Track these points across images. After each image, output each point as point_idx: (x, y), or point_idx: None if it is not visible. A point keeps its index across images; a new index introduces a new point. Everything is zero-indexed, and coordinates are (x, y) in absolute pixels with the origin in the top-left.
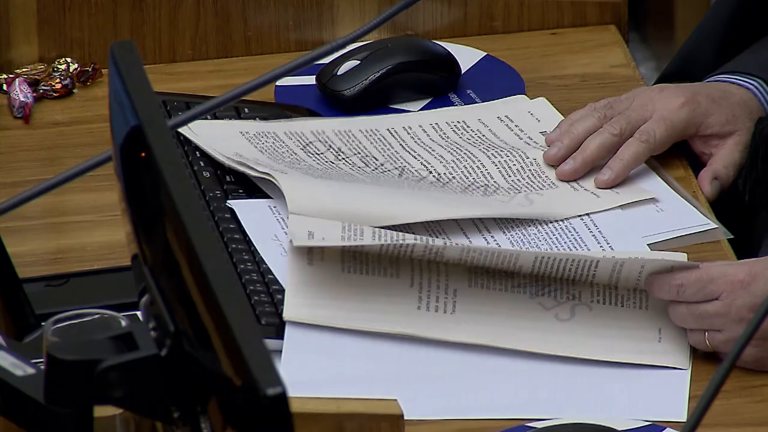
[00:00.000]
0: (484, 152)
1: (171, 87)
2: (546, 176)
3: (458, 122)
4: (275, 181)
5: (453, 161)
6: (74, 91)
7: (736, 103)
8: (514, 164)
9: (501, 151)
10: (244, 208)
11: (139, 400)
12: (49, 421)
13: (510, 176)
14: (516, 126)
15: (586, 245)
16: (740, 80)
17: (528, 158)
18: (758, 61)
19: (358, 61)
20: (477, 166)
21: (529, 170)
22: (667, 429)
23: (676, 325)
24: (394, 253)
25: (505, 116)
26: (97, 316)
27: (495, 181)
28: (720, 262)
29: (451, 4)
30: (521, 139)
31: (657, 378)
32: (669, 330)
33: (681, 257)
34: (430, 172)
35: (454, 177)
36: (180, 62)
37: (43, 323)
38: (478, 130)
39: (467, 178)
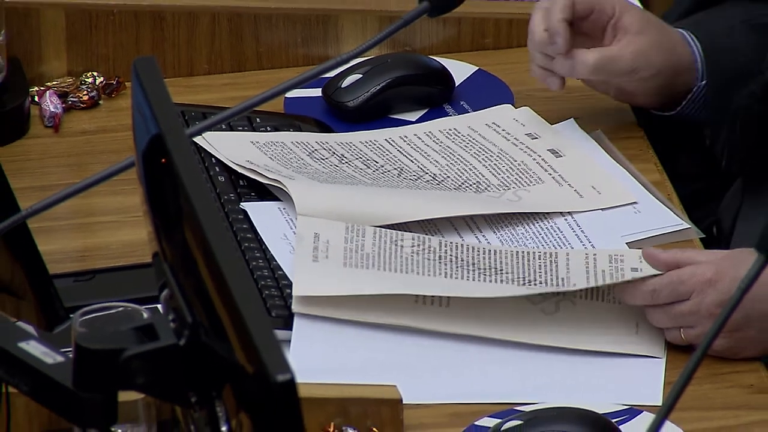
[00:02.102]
0: (474, 156)
1: (189, 99)
2: (533, 173)
3: (450, 129)
4: (284, 187)
5: (447, 165)
6: (100, 102)
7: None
8: (503, 164)
9: (490, 154)
10: (256, 210)
11: (160, 386)
12: (77, 405)
13: (499, 174)
14: (503, 130)
15: (569, 243)
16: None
17: (515, 160)
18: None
19: (361, 75)
20: (468, 168)
21: (517, 169)
22: (644, 412)
23: (654, 326)
24: (392, 254)
25: (493, 122)
26: (121, 308)
27: (486, 179)
28: (690, 252)
29: (445, 22)
30: (508, 140)
31: (635, 366)
32: (645, 323)
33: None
34: (426, 173)
35: (448, 176)
36: (197, 76)
37: (71, 315)
38: (468, 135)
39: (460, 177)
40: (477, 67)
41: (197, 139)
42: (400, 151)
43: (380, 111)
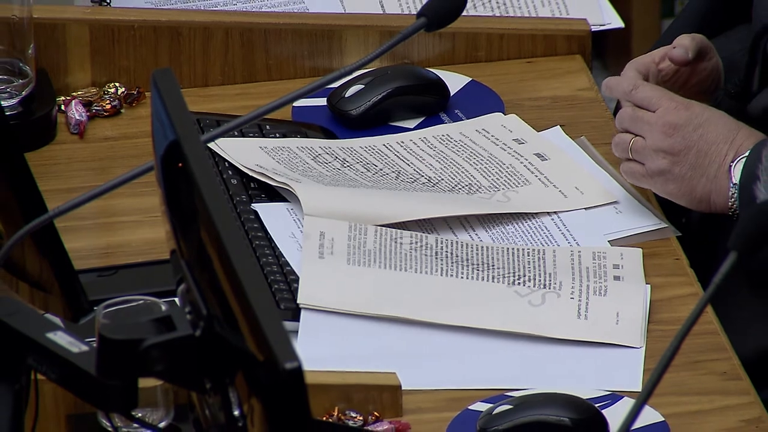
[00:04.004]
0: (466, 160)
1: (204, 107)
2: (520, 175)
3: (443, 135)
4: (291, 189)
5: (441, 168)
6: (122, 111)
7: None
8: (493, 168)
9: (481, 158)
10: (266, 210)
11: (177, 373)
12: (101, 391)
13: (489, 177)
14: (492, 136)
15: (555, 241)
16: None
17: (504, 163)
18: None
19: (363, 86)
20: (461, 171)
21: (506, 172)
22: (625, 398)
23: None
24: (392, 251)
25: (483, 129)
26: (141, 301)
27: (477, 181)
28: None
29: (441, 36)
30: (497, 145)
31: (616, 355)
32: (625, 314)
33: (636, 251)
34: (422, 176)
35: (442, 179)
36: (211, 86)
37: (95, 308)
38: (460, 140)
39: (453, 179)
40: (470, 78)
41: (211, 145)
42: (397, 156)
43: (381, 119)
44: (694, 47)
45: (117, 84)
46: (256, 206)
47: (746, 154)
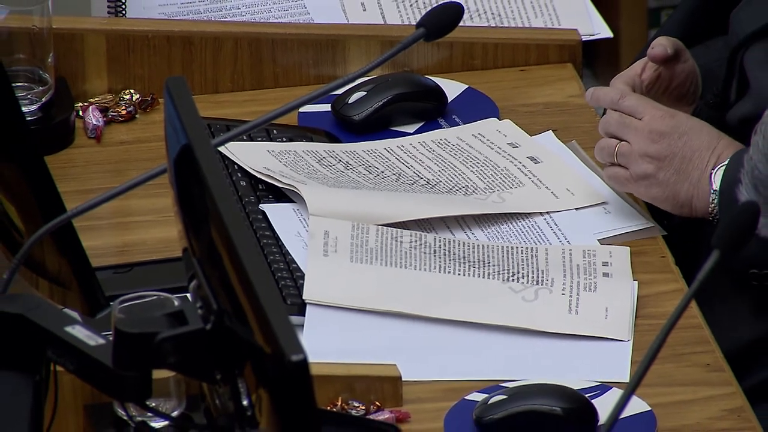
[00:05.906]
0: (463, 163)
1: (214, 113)
2: (514, 177)
3: (441, 139)
4: (297, 191)
5: (439, 171)
6: (136, 116)
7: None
8: (488, 170)
9: (477, 161)
10: (274, 211)
11: (189, 365)
12: (117, 382)
13: (485, 179)
14: (488, 140)
15: (547, 239)
16: None
17: (499, 166)
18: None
19: (365, 92)
20: (458, 174)
21: (501, 174)
22: (613, 388)
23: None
24: (393, 249)
25: (479, 133)
26: (155, 297)
27: (473, 183)
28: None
29: (439, 45)
30: (492, 149)
31: (605, 347)
32: (614, 309)
33: (624, 250)
34: (421, 178)
35: (440, 181)
36: (221, 93)
37: (111, 303)
38: (457, 144)
39: (451, 181)
40: (467, 86)
41: (221, 149)
42: (397, 159)
43: (382, 124)
44: (671, 45)
45: (132, 91)
46: (263, 207)
47: (725, 162)
